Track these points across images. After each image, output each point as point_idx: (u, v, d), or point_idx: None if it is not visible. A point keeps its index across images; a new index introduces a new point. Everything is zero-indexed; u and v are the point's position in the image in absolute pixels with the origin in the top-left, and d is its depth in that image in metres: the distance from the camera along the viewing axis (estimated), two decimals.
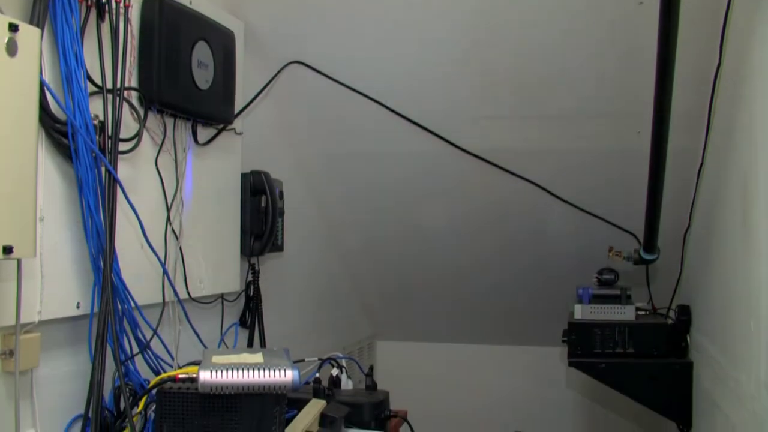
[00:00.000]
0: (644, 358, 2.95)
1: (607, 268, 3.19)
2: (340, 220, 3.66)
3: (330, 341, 3.53)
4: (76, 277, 1.81)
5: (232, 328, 2.57)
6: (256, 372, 1.53)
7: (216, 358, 1.60)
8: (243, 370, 1.53)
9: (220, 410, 1.59)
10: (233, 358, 1.59)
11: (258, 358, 1.60)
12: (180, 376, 1.65)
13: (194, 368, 1.59)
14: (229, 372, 1.53)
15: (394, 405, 2.53)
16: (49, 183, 1.74)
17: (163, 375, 1.68)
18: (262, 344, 2.71)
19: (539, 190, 3.27)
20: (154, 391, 1.68)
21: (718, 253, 2.44)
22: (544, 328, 3.80)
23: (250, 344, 2.68)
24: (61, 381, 1.79)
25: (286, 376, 1.53)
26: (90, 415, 1.71)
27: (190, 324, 2.27)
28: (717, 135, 2.51)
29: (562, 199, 3.29)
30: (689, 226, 3.00)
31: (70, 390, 1.81)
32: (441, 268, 3.83)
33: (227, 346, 2.52)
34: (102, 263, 1.77)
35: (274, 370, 1.53)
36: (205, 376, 1.53)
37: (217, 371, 1.53)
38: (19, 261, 1.51)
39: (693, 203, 2.91)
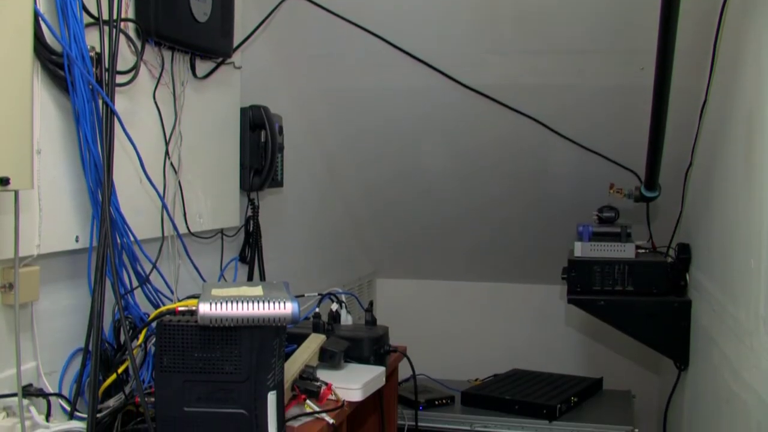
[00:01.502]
0: (643, 295, 2.96)
1: (607, 206, 3.19)
2: (339, 156, 3.65)
3: (329, 278, 3.54)
4: (75, 211, 1.81)
5: (232, 263, 2.57)
6: (255, 304, 1.53)
7: (215, 291, 1.60)
8: (242, 302, 1.53)
9: (220, 343, 1.60)
10: (233, 291, 1.59)
11: (258, 291, 1.60)
12: (180, 308, 1.65)
13: (194, 301, 1.59)
14: (229, 304, 1.53)
15: (394, 342, 2.55)
16: (46, 116, 1.72)
17: (163, 308, 1.68)
18: (262, 279, 2.71)
19: (540, 127, 3.25)
20: (153, 324, 1.68)
21: (720, 191, 2.44)
22: (544, 266, 3.81)
23: (249, 279, 2.68)
24: (61, 314, 1.79)
25: (286, 308, 1.53)
26: (90, 348, 1.72)
27: (190, 258, 2.27)
28: (721, 72, 2.49)
29: (563, 136, 3.27)
30: (691, 164, 2.99)
31: (70, 323, 1.81)
32: (441, 206, 3.83)
33: (227, 281, 2.52)
34: (100, 196, 1.76)
35: (274, 303, 1.53)
36: (204, 308, 1.53)
37: (216, 304, 1.53)
38: (16, 193, 1.50)
39: (695, 141, 2.89)
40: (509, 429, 3.15)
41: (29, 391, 1.64)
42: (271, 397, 1.62)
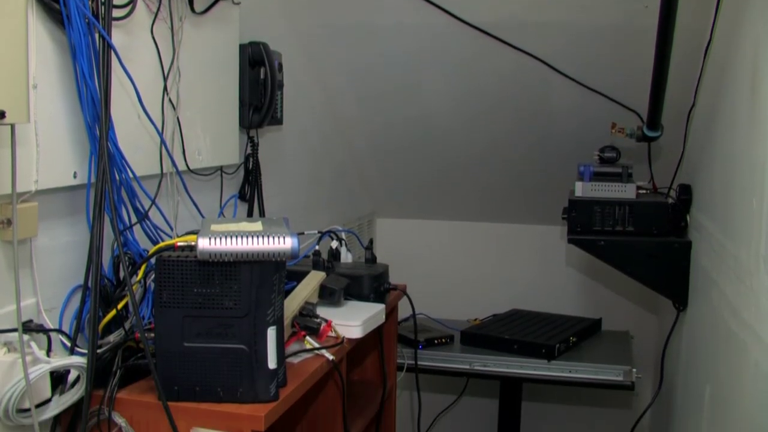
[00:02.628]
0: (643, 236, 2.96)
1: (608, 146, 3.17)
2: (340, 95, 3.62)
3: (329, 217, 3.54)
4: (72, 147, 1.79)
5: (231, 200, 2.56)
6: (254, 239, 1.52)
7: (215, 227, 1.59)
8: (242, 237, 1.52)
9: (220, 278, 1.59)
10: (232, 227, 1.58)
11: (257, 226, 1.59)
12: (179, 244, 1.64)
13: (193, 237, 1.58)
14: (228, 239, 1.52)
15: (393, 281, 2.55)
16: (41, 50, 1.70)
17: (162, 243, 1.67)
18: (262, 216, 2.71)
19: (542, 66, 3.22)
20: (153, 260, 1.68)
21: (723, 132, 2.42)
22: (545, 207, 3.81)
23: (249, 217, 2.68)
24: (60, 251, 1.79)
25: (285, 243, 1.52)
26: (89, 284, 1.72)
27: (189, 195, 2.26)
28: (727, 10, 2.45)
29: (565, 75, 3.24)
30: (693, 104, 2.96)
31: (70, 260, 1.81)
32: (442, 146, 3.81)
33: (226, 218, 2.51)
34: (98, 132, 1.75)
35: (273, 238, 1.52)
36: (203, 243, 1.52)
37: (215, 239, 1.52)
38: (12, 127, 1.49)
39: (698, 81, 2.87)
40: (508, 368, 3.18)
41: (29, 327, 1.64)
42: (271, 333, 1.62)
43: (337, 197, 3.84)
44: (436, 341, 3.32)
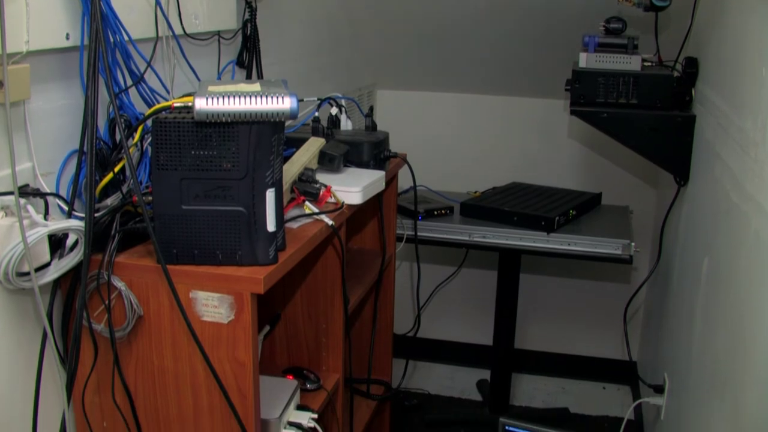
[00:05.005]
0: (647, 109, 2.92)
1: (615, 17, 3.10)
2: None
3: (329, 86, 3.49)
4: (64, 7, 1.73)
5: (229, 66, 2.51)
6: (252, 99, 1.49)
7: (212, 88, 1.55)
8: (240, 97, 1.49)
9: (217, 139, 1.57)
10: (230, 88, 1.54)
11: (255, 87, 1.55)
12: (176, 105, 1.61)
13: (190, 98, 1.55)
14: (226, 99, 1.49)
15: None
16: None
17: (159, 105, 1.63)
18: None
19: None
20: (149, 123, 1.65)
21: (733, 1, 2.36)
22: (548, 79, 3.76)
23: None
24: (55, 115, 1.75)
25: (284, 103, 1.48)
26: (86, 147, 1.69)
27: (186, 59, 2.21)
28: None
29: None
30: None
31: (65, 124, 1.78)
32: (444, 15, 3.73)
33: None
34: None
35: (272, 97, 1.49)
36: (200, 103, 1.49)
37: (213, 99, 1.49)
38: None
39: None
40: (507, 239, 3.19)
41: (26, 191, 1.62)
42: (270, 195, 1.60)
43: (338, 66, 3.77)
44: (435, 212, 3.32)
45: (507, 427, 2.87)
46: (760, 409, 1.63)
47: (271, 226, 1.62)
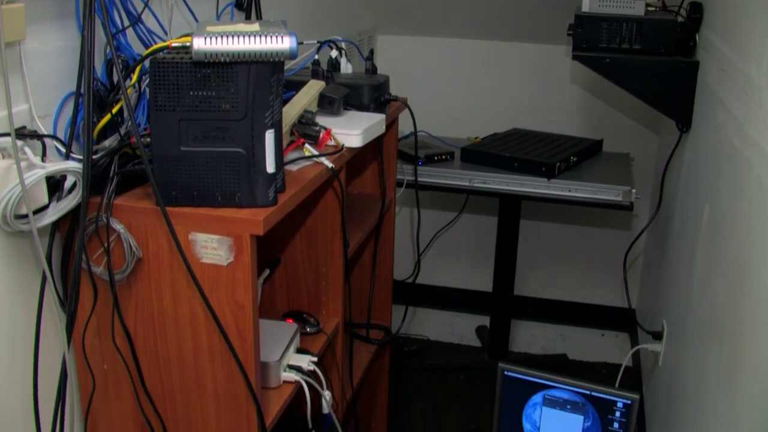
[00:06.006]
0: (650, 55, 2.90)
1: None
2: None
3: (329, 31, 3.44)
4: None
5: (228, 8, 2.47)
6: (252, 38, 1.47)
7: (211, 28, 1.53)
8: (239, 36, 1.47)
9: (216, 80, 1.54)
10: (229, 28, 1.52)
11: (254, 27, 1.53)
12: (173, 45, 1.59)
13: (188, 38, 1.53)
14: (225, 39, 1.47)
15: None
16: None
17: (156, 45, 1.61)
18: None
19: None
20: (147, 63, 1.63)
21: None
22: (551, 25, 3.71)
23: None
24: (51, 56, 1.73)
25: (284, 42, 1.46)
26: (83, 89, 1.67)
27: (184, 0, 2.18)
28: None
29: None
30: None
31: (62, 66, 1.75)
32: None
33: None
34: None
35: (271, 37, 1.47)
36: (199, 43, 1.46)
37: (211, 38, 1.47)
38: None
39: None
40: (507, 185, 3.18)
41: (23, 133, 1.61)
42: (269, 136, 1.59)
43: (337, 11, 3.73)
44: (436, 158, 3.31)
45: (506, 373, 2.89)
46: (760, 355, 1.63)
47: (270, 168, 1.61)
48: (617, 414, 2.80)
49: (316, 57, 2.42)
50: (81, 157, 1.64)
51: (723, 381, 1.93)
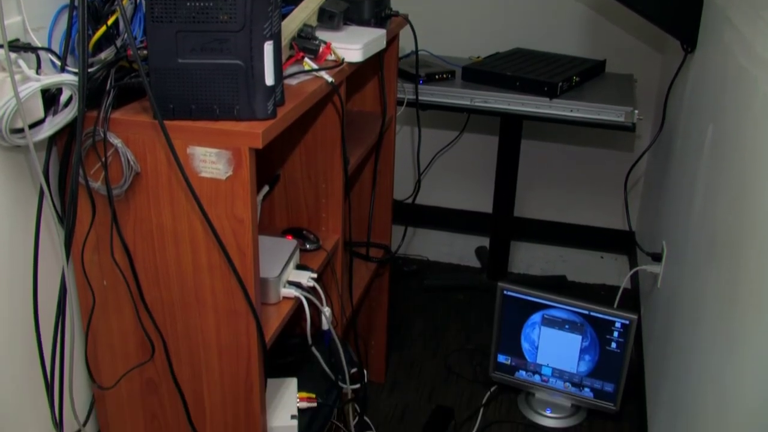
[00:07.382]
0: None
1: None
2: None
3: None
4: None
5: None
6: None
7: None
8: None
9: None
10: None
11: None
12: None
13: None
14: None
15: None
16: None
17: None
18: None
19: None
20: None
21: None
22: None
23: None
24: None
25: None
26: (76, 1, 1.63)
27: None
28: None
29: None
30: None
31: None
32: None
33: None
34: None
35: None
36: None
37: None
38: None
39: None
40: (509, 105, 3.15)
41: (16, 45, 1.58)
42: (268, 47, 1.56)
43: None
44: (437, 76, 3.27)
45: (505, 292, 2.90)
46: (758, 276, 1.63)
47: (269, 80, 1.58)
48: (615, 334, 2.82)
49: None
50: (76, 70, 1.61)
51: (721, 302, 1.94)
